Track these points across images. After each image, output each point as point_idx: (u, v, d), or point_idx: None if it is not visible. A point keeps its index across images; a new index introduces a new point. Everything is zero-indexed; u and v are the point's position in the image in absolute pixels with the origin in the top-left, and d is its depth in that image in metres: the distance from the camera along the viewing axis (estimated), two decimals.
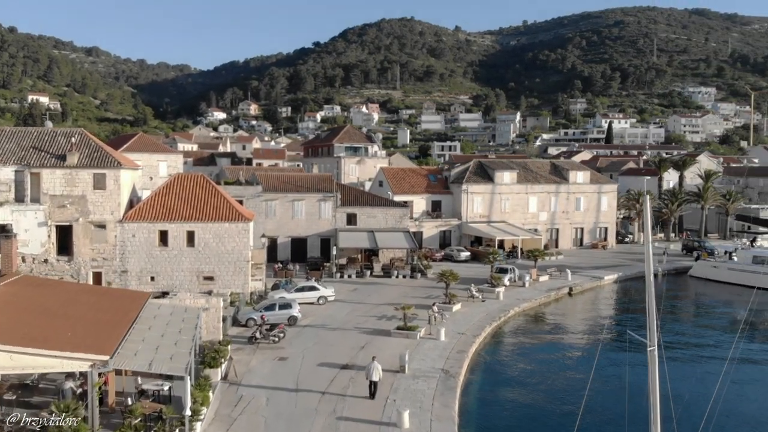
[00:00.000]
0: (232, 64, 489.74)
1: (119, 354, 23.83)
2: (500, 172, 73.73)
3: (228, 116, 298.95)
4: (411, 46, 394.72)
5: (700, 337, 44.57)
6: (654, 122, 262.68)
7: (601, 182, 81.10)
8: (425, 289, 51.50)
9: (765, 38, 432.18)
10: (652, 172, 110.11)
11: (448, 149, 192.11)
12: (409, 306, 38.45)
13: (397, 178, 73.18)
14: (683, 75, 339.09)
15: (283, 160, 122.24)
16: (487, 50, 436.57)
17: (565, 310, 50.53)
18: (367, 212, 62.18)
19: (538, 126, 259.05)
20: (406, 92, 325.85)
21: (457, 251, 66.80)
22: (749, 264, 59.93)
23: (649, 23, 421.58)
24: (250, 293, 45.94)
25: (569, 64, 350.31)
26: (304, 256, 61.60)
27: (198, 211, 45.80)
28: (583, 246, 78.86)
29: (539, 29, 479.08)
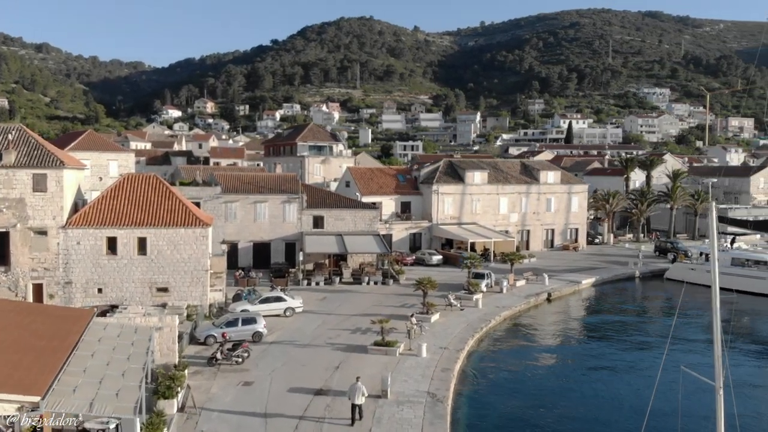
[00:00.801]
0: (187, 62, 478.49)
1: (54, 391, 19.88)
2: (471, 172, 70.98)
3: (183, 114, 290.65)
4: (370, 46, 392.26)
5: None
6: (611, 122, 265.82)
7: (572, 182, 79.17)
8: (399, 297, 48.24)
9: (716, 40, 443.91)
10: (618, 171, 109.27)
11: (411, 149, 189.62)
12: (387, 319, 35.07)
13: (365, 179, 69.75)
14: (638, 76, 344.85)
15: (243, 160, 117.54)
16: (445, 51, 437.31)
17: (546, 318, 47.85)
18: (335, 214, 58.58)
19: (498, 126, 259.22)
20: (366, 91, 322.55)
21: (429, 255, 63.76)
22: (728, 266, 58.34)
23: (604, 25, 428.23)
24: (209, 305, 41.96)
25: (527, 65, 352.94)
26: (268, 262, 57.65)
27: (150, 216, 41.60)
28: (553, 247, 76.78)
29: (496, 30, 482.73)
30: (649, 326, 47.26)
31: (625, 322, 48.84)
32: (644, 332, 45.18)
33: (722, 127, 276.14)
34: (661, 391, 29.12)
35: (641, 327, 47.06)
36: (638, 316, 51.28)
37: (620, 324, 47.87)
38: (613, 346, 40.83)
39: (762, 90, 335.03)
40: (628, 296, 58.50)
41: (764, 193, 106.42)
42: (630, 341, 42.45)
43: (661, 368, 23.78)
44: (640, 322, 48.77)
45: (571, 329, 45.17)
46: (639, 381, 33.43)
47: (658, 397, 27.28)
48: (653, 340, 42.06)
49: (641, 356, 38.45)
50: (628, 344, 41.64)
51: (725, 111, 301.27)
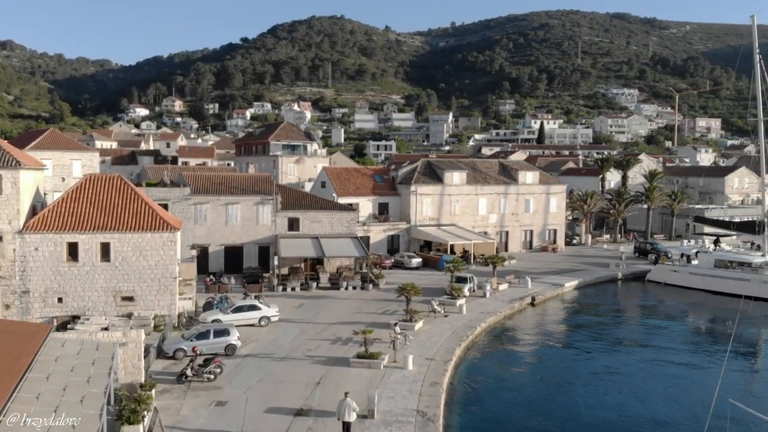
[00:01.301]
0: (155, 60, 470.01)
1: (0, 425, 17.37)
2: (449, 173, 69.19)
3: (151, 113, 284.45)
4: (342, 45, 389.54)
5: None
6: (581, 123, 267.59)
7: (550, 183, 77.94)
8: (379, 303, 46.11)
9: (682, 42, 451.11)
10: (593, 171, 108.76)
11: (384, 149, 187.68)
12: (370, 330, 32.90)
13: (341, 179, 67.48)
14: (607, 77, 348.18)
15: (212, 159, 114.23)
16: (417, 51, 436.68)
17: (533, 324, 46.15)
18: (311, 216, 56.21)
19: (470, 126, 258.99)
20: (338, 91, 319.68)
21: (408, 257, 61.76)
22: (711, 268, 57.51)
23: (573, 26, 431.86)
24: (179, 315, 39.37)
25: (497, 66, 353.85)
26: (240, 267, 55.07)
27: (114, 219, 38.87)
28: (532, 249, 75.46)
29: (467, 31, 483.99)
30: (640, 331, 45.85)
31: (613, 326, 47.44)
32: (637, 337, 43.73)
33: (690, 128, 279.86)
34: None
35: (633, 332, 45.61)
36: (628, 320, 49.89)
37: (608, 329, 46.44)
38: (605, 352, 39.26)
39: (728, 91, 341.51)
40: (612, 300, 57.19)
41: (738, 193, 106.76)
42: (622, 347, 40.93)
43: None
44: (629, 327, 47.37)
45: (559, 335, 43.52)
46: (643, 389, 31.88)
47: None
48: (648, 346, 40.67)
49: (636, 361, 36.93)
50: (621, 350, 40.09)
51: (693, 112, 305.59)
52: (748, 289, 54.21)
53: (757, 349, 42.12)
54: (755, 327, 47.21)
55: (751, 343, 43.31)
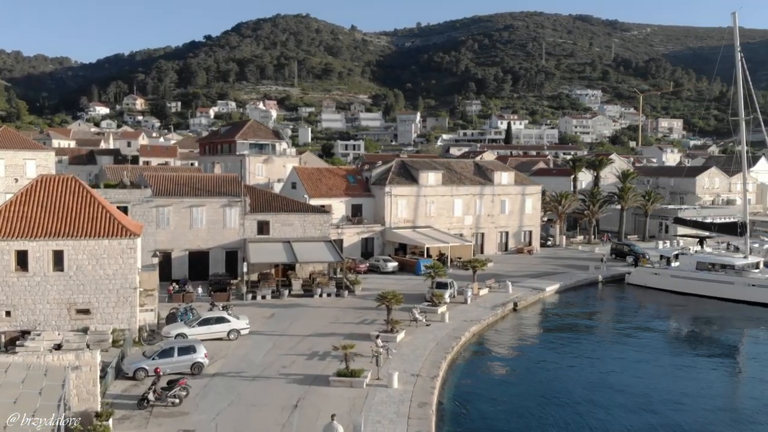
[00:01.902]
0: (116, 57, 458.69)
1: None
2: (425, 173, 66.88)
3: (112, 111, 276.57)
4: (308, 43, 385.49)
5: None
6: (546, 123, 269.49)
7: (525, 183, 76.25)
8: (357, 311, 43.49)
9: (643, 44, 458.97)
10: (564, 172, 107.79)
11: (352, 148, 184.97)
12: (351, 345, 30.26)
13: (313, 180, 64.60)
14: (570, 78, 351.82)
15: (175, 159, 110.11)
16: (383, 51, 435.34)
17: (518, 331, 43.97)
18: (282, 219, 53.21)
19: (437, 126, 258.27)
20: (304, 89, 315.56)
21: (384, 261, 59.18)
22: (693, 271, 56.25)
23: (537, 28, 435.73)
24: (139, 329, 36.18)
25: (463, 67, 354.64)
26: (206, 274, 51.76)
27: (68, 225, 35.50)
28: (507, 251, 73.66)
29: (432, 32, 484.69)
30: (629, 336, 44.05)
31: (600, 333, 45.67)
32: (627, 343, 41.93)
33: (653, 128, 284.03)
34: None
35: (621, 339, 43.79)
36: (614, 326, 48.10)
37: (595, 335, 44.64)
38: (597, 361, 37.32)
39: (689, 92, 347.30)
40: (595, 304, 55.38)
41: (709, 193, 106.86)
42: (614, 354, 39.05)
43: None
44: (617, 333, 45.56)
45: (545, 343, 41.41)
46: (648, 403, 29.92)
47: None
48: (642, 352, 38.86)
49: (633, 371, 35.05)
50: (612, 358, 38.19)
51: (655, 112, 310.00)
52: (732, 292, 53.30)
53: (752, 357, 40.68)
54: (743, 331, 46.04)
55: (745, 349, 41.94)
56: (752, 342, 44.07)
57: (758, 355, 40.19)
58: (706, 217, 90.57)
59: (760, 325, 47.76)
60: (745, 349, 42.26)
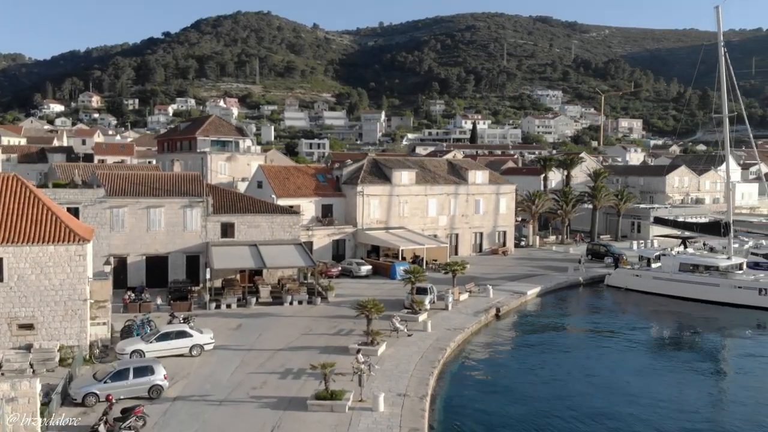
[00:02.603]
0: (72, 54, 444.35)
1: None
2: (398, 172, 63.88)
3: (67, 109, 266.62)
4: (269, 41, 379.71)
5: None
6: (509, 123, 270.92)
7: (500, 182, 73.95)
8: (331, 320, 40.22)
9: (602, 45, 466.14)
10: (534, 171, 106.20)
11: (317, 147, 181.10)
12: (331, 363, 27.01)
13: (280, 179, 60.97)
14: (531, 78, 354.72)
15: (132, 157, 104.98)
16: (346, 49, 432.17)
17: (503, 340, 41.23)
18: (248, 221, 49.55)
19: (402, 125, 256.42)
20: (266, 87, 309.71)
21: (357, 265, 55.89)
22: (676, 272, 54.45)
23: (498, 29, 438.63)
24: (90, 345, 32.32)
25: (426, 66, 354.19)
26: (165, 280, 47.80)
27: (8, 229, 31.43)
28: (482, 252, 71.26)
29: (395, 31, 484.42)
30: (622, 343, 41.76)
31: (589, 339, 43.27)
32: (619, 350, 39.59)
33: (613, 128, 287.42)
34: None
35: (615, 346, 41.45)
36: (603, 331, 45.72)
37: (585, 342, 42.19)
38: (593, 369, 34.80)
39: (648, 93, 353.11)
40: (578, 308, 52.96)
41: (679, 192, 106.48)
42: (608, 363, 36.63)
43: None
44: (607, 339, 43.20)
45: (533, 353, 38.72)
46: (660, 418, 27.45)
47: None
48: (640, 360, 36.55)
49: (635, 382, 32.63)
50: (607, 368, 35.74)
51: (615, 113, 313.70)
52: (717, 294, 51.62)
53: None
54: (733, 335, 44.28)
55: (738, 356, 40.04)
56: (743, 347, 42.23)
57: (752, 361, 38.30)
58: (678, 216, 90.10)
59: (747, 328, 46.14)
60: (736, 355, 40.32)
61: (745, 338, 43.89)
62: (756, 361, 38.20)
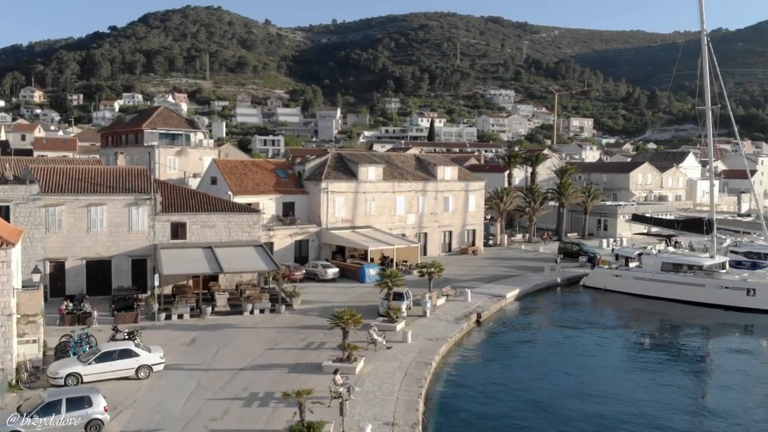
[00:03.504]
0: (13, 48, 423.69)
1: None
2: (364, 167, 59.69)
3: (7, 104, 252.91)
4: (220, 36, 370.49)
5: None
6: (463, 122, 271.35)
7: (469, 179, 70.57)
8: (299, 332, 35.82)
9: (552, 46, 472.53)
10: (497, 168, 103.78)
11: (271, 144, 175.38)
12: (308, 390, 22.65)
13: (237, 174, 56.07)
14: (484, 78, 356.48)
15: (75, 152, 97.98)
16: (299, 46, 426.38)
17: (489, 350, 37.42)
18: (202, 220, 44.70)
19: (358, 123, 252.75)
20: (217, 83, 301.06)
21: (323, 267, 51.45)
22: (658, 272, 51.88)
23: (451, 28, 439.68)
24: (17, 368, 27.24)
25: (380, 65, 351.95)
26: (108, 287, 42.60)
27: None
28: (451, 252, 67.81)
29: (348, 29, 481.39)
30: (615, 350, 38.58)
31: (580, 348, 39.96)
32: (616, 357, 36.38)
33: (564, 127, 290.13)
34: None
35: (606, 351, 38.22)
36: (592, 336, 42.49)
37: (575, 351, 38.84)
38: (590, 378, 31.42)
39: (597, 93, 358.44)
40: (561, 312, 49.45)
41: (642, 189, 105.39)
42: (605, 376, 33.33)
43: None
44: (596, 347, 39.95)
45: (524, 364, 35.10)
46: None
47: None
48: (649, 371, 33.36)
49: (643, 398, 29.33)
50: (606, 383, 32.43)
51: (566, 112, 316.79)
52: (703, 295, 49.19)
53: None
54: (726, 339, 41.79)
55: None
56: (731, 351, 39.66)
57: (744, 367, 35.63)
58: (644, 213, 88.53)
59: (735, 331, 43.83)
60: (725, 359, 37.65)
61: (733, 342, 41.55)
62: (745, 365, 35.76)
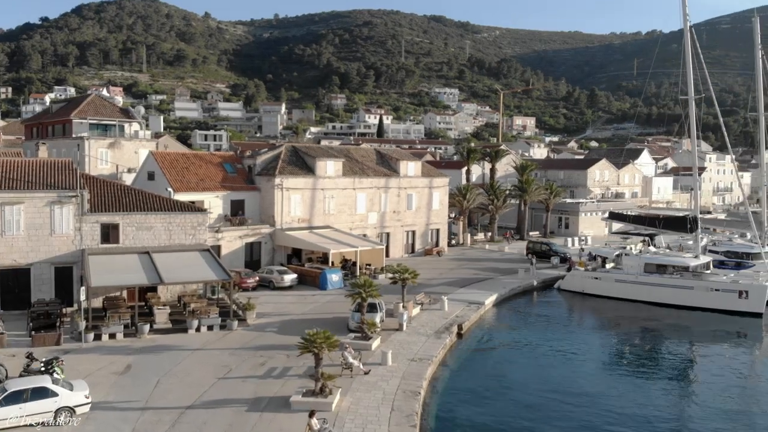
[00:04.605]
0: None
1: None
2: (322, 162, 54.05)
3: None
4: (157, 28, 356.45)
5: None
6: (410, 119, 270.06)
7: (432, 175, 65.89)
8: (256, 354, 30.03)
9: (493, 46, 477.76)
10: (454, 164, 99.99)
11: (213, 139, 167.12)
12: None
13: (178, 169, 49.55)
14: (429, 76, 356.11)
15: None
16: (240, 40, 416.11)
17: (478, 369, 32.52)
18: (138, 221, 38.33)
19: (304, 119, 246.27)
20: (154, 76, 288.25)
21: (279, 273, 45.49)
22: (642, 274, 48.27)
23: (395, 26, 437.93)
24: None
25: (325, 60, 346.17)
26: (26, 301, 35.85)
27: None
28: (415, 253, 63.03)
29: (291, 24, 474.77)
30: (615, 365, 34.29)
31: (577, 362, 35.55)
32: (617, 373, 32.05)
33: (508, 126, 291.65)
34: None
35: (606, 367, 33.86)
36: (590, 349, 38.06)
37: (573, 366, 34.42)
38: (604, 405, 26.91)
39: (539, 92, 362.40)
40: (547, 319, 44.73)
41: (600, 186, 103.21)
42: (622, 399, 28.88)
43: None
44: (598, 363, 35.59)
45: (522, 392, 30.32)
46: None
47: None
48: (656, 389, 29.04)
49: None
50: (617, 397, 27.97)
51: (508, 111, 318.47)
52: (691, 298, 45.77)
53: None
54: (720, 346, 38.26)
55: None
56: (724, 358, 36.14)
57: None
58: (607, 210, 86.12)
59: (728, 336, 40.51)
60: (720, 368, 34.02)
61: (725, 349, 38.20)
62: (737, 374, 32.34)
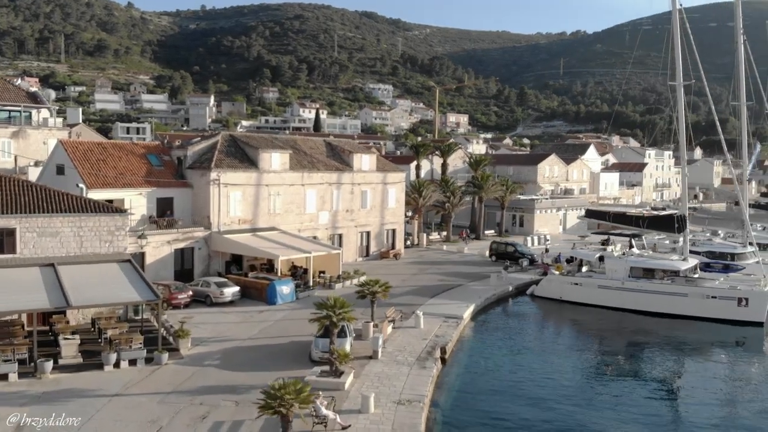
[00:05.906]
0: None
1: None
2: (267, 153, 46.67)
3: None
4: (77, 17, 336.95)
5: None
6: (345, 114, 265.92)
7: (388, 170, 59.53)
8: (193, 401, 22.74)
9: (424, 44, 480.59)
10: (402, 159, 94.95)
11: (136, 132, 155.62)
12: None
13: (92, 161, 41.15)
14: (363, 72, 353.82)
15: None
16: (165, 31, 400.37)
17: (477, 412, 26.42)
18: (40, 225, 30.15)
19: (234, 112, 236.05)
20: (73, 67, 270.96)
21: (218, 286, 37.93)
22: (627, 279, 43.43)
23: (327, 20, 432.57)
24: None
25: (255, 53, 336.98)
26: None
27: None
28: (370, 256, 56.61)
29: (219, 15, 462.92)
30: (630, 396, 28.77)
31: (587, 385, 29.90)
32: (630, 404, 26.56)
33: (442, 123, 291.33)
34: None
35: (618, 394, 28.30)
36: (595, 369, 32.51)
37: (573, 392, 28.74)
38: None
39: (470, 90, 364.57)
40: (538, 334, 39.05)
41: (549, 182, 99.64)
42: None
43: None
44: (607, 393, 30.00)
45: None
46: None
47: None
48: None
49: None
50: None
51: (442, 108, 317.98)
52: (685, 307, 41.17)
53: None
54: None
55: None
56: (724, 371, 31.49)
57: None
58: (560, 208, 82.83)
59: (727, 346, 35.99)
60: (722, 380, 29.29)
61: (731, 368, 33.69)
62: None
